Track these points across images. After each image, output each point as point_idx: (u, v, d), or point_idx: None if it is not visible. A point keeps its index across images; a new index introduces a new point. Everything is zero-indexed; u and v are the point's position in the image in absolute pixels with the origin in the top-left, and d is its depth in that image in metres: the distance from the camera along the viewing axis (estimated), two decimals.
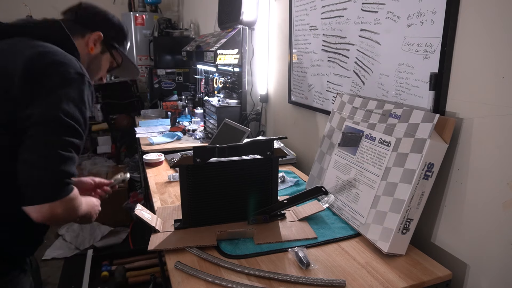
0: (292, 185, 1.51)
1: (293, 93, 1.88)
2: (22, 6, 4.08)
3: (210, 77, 2.80)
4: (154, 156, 1.82)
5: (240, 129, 1.70)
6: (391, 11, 1.16)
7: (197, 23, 3.86)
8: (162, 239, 1.06)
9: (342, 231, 1.13)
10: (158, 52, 3.66)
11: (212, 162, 1.09)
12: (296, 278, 0.89)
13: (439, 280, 0.93)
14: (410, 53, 1.10)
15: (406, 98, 1.13)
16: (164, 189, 1.50)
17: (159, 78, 3.56)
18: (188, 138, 2.31)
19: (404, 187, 1.00)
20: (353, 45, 1.36)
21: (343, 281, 0.88)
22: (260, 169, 1.14)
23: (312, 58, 1.65)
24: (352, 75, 1.39)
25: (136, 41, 4.30)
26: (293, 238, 1.08)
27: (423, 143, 0.98)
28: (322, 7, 1.54)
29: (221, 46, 2.13)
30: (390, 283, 0.89)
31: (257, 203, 1.16)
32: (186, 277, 0.92)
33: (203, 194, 1.11)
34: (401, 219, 0.99)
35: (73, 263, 2.66)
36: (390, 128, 1.10)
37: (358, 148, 1.21)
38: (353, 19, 1.35)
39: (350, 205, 1.17)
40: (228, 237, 1.09)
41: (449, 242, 1.04)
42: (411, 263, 0.98)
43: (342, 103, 1.36)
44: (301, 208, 1.23)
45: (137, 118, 3.00)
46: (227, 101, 2.24)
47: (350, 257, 1.00)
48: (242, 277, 0.91)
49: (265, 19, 2.14)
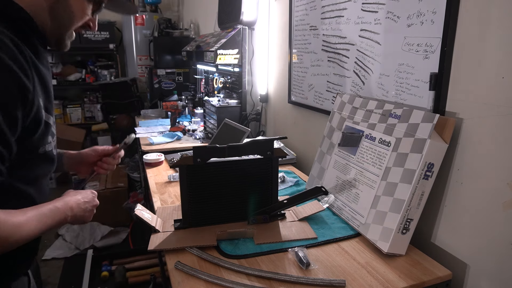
0: (292, 185, 1.51)
1: (293, 93, 1.88)
2: None
3: (210, 77, 2.80)
4: (154, 156, 1.82)
5: (240, 129, 1.70)
6: (391, 11, 1.16)
7: (197, 23, 3.86)
8: (162, 239, 1.06)
9: (342, 231, 1.13)
10: (158, 52, 3.66)
11: (212, 162, 1.09)
12: (296, 278, 0.89)
13: (439, 280, 0.93)
14: (410, 53, 1.10)
15: (406, 98, 1.13)
16: (164, 189, 1.50)
17: (159, 78, 3.56)
18: (188, 138, 2.31)
19: (404, 187, 1.00)
20: (353, 45, 1.36)
21: (343, 281, 0.88)
22: (260, 169, 1.14)
23: (312, 58, 1.65)
24: (352, 75, 1.39)
25: (136, 41, 4.31)
26: (293, 238, 1.08)
27: (423, 143, 0.98)
28: (322, 7, 1.54)
29: (221, 46, 2.13)
30: (390, 283, 0.89)
31: (257, 203, 1.16)
32: (186, 277, 0.92)
33: (203, 194, 1.11)
34: (401, 219, 0.99)
35: (73, 263, 2.66)
36: (390, 128, 1.10)
37: (358, 148, 1.21)
38: (353, 19, 1.35)
39: (350, 205, 1.17)
40: (228, 237, 1.09)
41: (449, 242, 1.04)
42: (411, 263, 0.98)
43: (342, 103, 1.36)
44: (301, 208, 1.23)
45: (137, 118, 3.00)
46: (227, 101, 2.24)
47: (350, 257, 1.00)
48: (242, 277, 0.91)
49: (265, 19, 2.14)
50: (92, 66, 4.66)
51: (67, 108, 4.62)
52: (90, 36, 4.35)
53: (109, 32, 4.42)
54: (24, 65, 0.71)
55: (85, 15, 0.86)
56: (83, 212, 0.92)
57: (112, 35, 4.45)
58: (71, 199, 0.90)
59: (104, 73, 4.58)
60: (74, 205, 0.89)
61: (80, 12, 0.84)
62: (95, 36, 4.38)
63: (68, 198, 0.90)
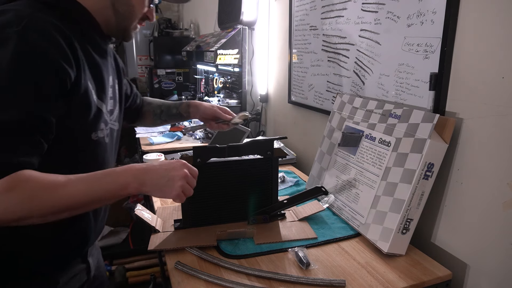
0: (292, 185, 1.51)
1: (293, 93, 1.88)
2: None
3: (210, 77, 2.80)
4: (154, 156, 1.82)
5: (240, 129, 1.70)
6: (391, 11, 1.16)
7: (197, 23, 3.86)
8: (162, 239, 1.06)
9: (342, 231, 1.13)
10: (158, 52, 3.66)
11: (212, 162, 1.09)
12: (296, 278, 0.89)
13: (439, 280, 0.93)
14: (410, 53, 1.10)
15: (406, 98, 1.13)
16: None
17: (159, 78, 3.56)
18: (188, 138, 2.31)
19: (404, 187, 1.00)
20: (353, 45, 1.36)
21: (343, 281, 0.88)
22: (260, 169, 1.14)
23: (312, 58, 1.65)
24: (352, 75, 1.39)
25: (136, 41, 4.31)
26: (293, 238, 1.08)
27: (423, 143, 0.98)
28: (322, 7, 1.54)
29: (221, 46, 2.13)
30: (390, 283, 0.89)
31: (257, 203, 1.16)
32: (186, 277, 0.92)
33: (203, 194, 1.11)
34: (401, 219, 0.99)
35: None
36: (390, 128, 1.10)
37: (358, 148, 1.21)
38: (353, 19, 1.35)
39: (350, 205, 1.17)
40: (228, 237, 1.09)
41: (449, 242, 1.04)
42: (411, 263, 0.98)
43: (342, 103, 1.36)
44: (301, 208, 1.23)
45: None
46: (227, 101, 2.24)
47: (350, 257, 1.00)
48: (242, 277, 0.91)
49: (265, 19, 2.14)
50: None
51: None
52: None
53: None
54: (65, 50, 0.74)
55: (144, 7, 0.92)
56: (160, 179, 0.77)
57: None
58: (138, 164, 0.78)
59: None
60: (142, 171, 0.76)
61: (140, 4, 0.91)
62: None
63: (134, 164, 0.78)
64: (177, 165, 0.80)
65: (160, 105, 1.35)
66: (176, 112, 1.32)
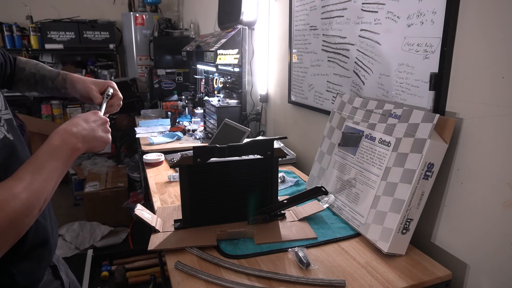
0: (292, 185, 1.51)
1: (293, 93, 1.88)
2: (22, 6, 4.08)
3: (210, 77, 2.80)
4: (154, 156, 1.82)
5: (240, 129, 1.70)
6: (391, 11, 1.16)
7: (197, 23, 3.86)
8: (162, 239, 1.06)
9: (342, 231, 1.13)
10: (158, 52, 3.66)
11: (212, 162, 1.09)
12: (296, 278, 0.89)
13: (439, 280, 0.93)
14: (410, 53, 1.10)
15: (406, 98, 1.13)
16: (164, 189, 1.50)
17: (159, 78, 3.56)
18: (188, 138, 2.31)
19: (404, 187, 1.00)
20: (353, 45, 1.36)
21: (343, 281, 0.88)
22: (260, 169, 1.14)
23: (312, 58, 1.65)
24: (352, 75, 1.39)
25: (136, 41, 4.30)
26: (293, 238, 1.08)
27: (423, 143, 0.98)
28: (322, 7, 1.54)
29: (221, 46, 2.13)
30: (390, 283, 0.89)
31: (257, 203, 1.16)
32: (186, 277, 0.92)
33: (203, 194, 1.11)
34: (401, 219, 0.99)
35: (73, 263, 2.66)
36: (390, 128, 1.10)
37: (358, 148, 1.21)
38: (353, 19, 1.35)
39: (350, 205, 1.17)
40: (228, 237, 1.09)
41: (449, 242, 1.04)
42: (411, 263, 0.98)
43: (342, 103, 1.36)
44: (301, 208, 1.23)
45: (137, 118, 3.00)
46: (227, 101, 2.24)
47: (350, 257, 1.00)
48: (242, 277, 0.92)
49: (265, 19, 2.14)
50: (92, 66, 4.66)
51: (67, 108, 4.61)
52: (90, 36, 4.34)
53: (109, 32, 4.41)
54: None
55: None
56: (93, 132, 0.78)
57: (112, 35, 4.44)
58: (66, 126, 0.75)
59: (104, 73, 4.57)
60: (75, 130, 0.75)
61: None
62: (95, 36, 4.37)
63: (62, 127, 0.75)
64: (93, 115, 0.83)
65: (34, 74, 1.11)
66: (53, 86, 1.11)
